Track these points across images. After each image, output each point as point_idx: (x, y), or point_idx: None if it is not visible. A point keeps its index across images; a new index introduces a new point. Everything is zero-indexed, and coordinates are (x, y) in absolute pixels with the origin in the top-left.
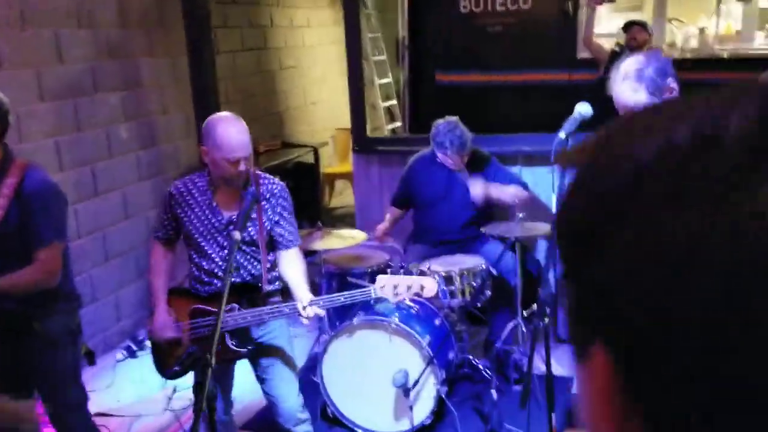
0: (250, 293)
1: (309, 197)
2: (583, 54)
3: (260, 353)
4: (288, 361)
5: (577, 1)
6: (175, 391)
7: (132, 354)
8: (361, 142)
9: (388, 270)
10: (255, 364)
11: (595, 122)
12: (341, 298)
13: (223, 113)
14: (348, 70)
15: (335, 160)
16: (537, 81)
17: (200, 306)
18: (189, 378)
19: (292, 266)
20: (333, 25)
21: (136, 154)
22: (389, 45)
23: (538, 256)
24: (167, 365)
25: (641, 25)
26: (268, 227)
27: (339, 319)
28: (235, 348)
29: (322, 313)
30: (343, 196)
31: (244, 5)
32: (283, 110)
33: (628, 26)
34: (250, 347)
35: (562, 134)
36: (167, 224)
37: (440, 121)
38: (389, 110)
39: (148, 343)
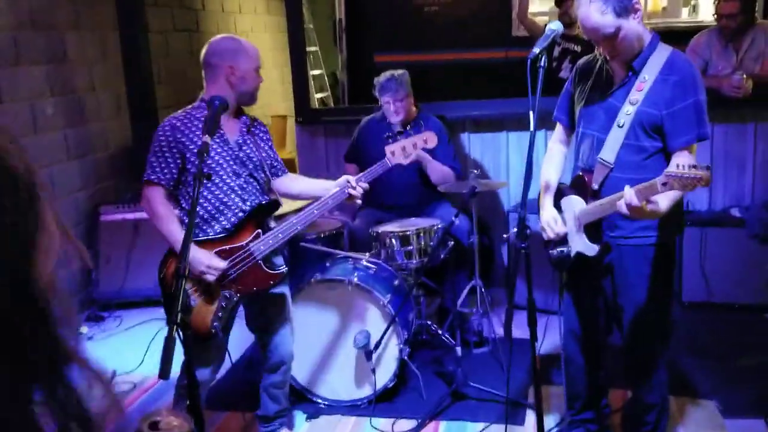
0: (267, 214)
1: None
2: (518, 32)
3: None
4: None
5: None
6: (114, 374)
7: None
8: (305, 113)
9: (344, 234)
10: (261, 305)
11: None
12: (373, 171)
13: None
14: (288, 38)
15: None
16: (475, 59)
17: (222, 247)
18: (132, 359)
19: (300, 179)
20: (265, 13)
21: (63, 132)
22: (321, 36)
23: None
24: (204, 325)
25: None
26: (264, 153)
27: (292, 284)
28: (275, 271)
29: (368, 187)
30: None
31: None
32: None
33: (561, 1)
34: (284, 266)
35: (536, 49)
36: (171, 163)
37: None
38: (323, 102)
39: (83, 329)
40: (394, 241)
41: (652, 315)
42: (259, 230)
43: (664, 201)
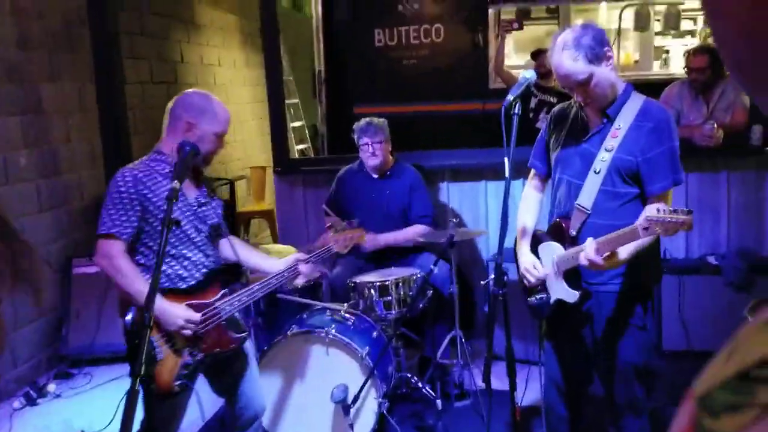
0: (231, 274)
1: None
2: (495, 84)
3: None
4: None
5: (487, 34)
6: None
7: (31, 402)
8: (284, 163)
9: (322, 284)
10: (223, 366)
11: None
12: (326, 251)
13: (196, 90)
14: (267, 87)
15: (249, 201)
16: (453, 111)
17: (190, 302)
18: (101, 417)
19: (242, 246)
20: (244, 66)
21: (35, 183)
22: (300, 88)
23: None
24: (167, 383)
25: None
26: (220, 212)
27: (268, 337)
28: (238, 335)
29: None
30: (258, 239)
31: (154, 39)
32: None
33: (537, 54)
34: (246, 330)
35: (510, 97)
36: (132, 216)
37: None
38: (303, 153)
39: (51, 387)
40: (372, 291)
41: (633, 363)
42: (225, 290)
43: (623, 252)
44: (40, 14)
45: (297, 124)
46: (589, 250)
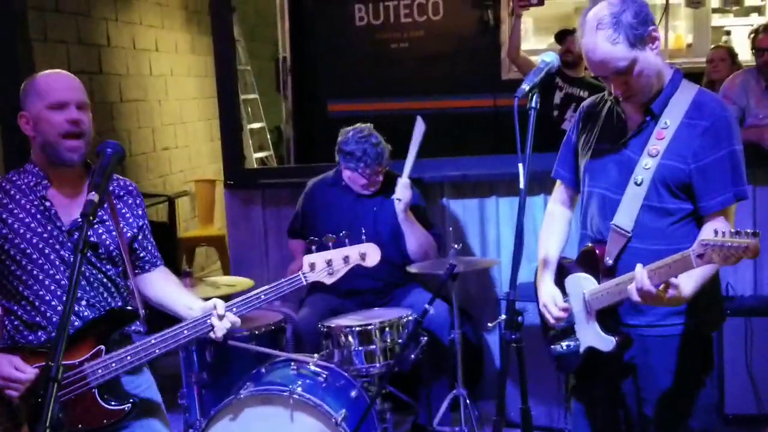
0: (118, 327)
1: None
2: (509, 75)
3: (135, 414)
4: (166, 424)
5: (499, 9)
6: None
7: None
8: (237, 175)
9: (285, 329)
10: None
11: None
12: (261, 295)
13: None
14: (216, 81)
15: (194, 224)
16: (455, 108)
17: (35, 364)
18: None
19: (169, 283)
20: (189, 52)
21: None
22: (261, 81)
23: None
24: None
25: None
26: (129, 235)
27: (216, 398)
28: (113, 407)
29: (239, 323)
30: (206, 273)
31: (71, 15)
32: (126, 156)
33: (562, 36)
34: (132, 400)
35: (525, 86)
36: None
37: (348, 128)
38: (263, 162)
39: None
40: (351, 338)
41: (687, 430)
42: (102, 347)
43: (689, 284)
44: None
45: (256, 125)
46: (640, 277)
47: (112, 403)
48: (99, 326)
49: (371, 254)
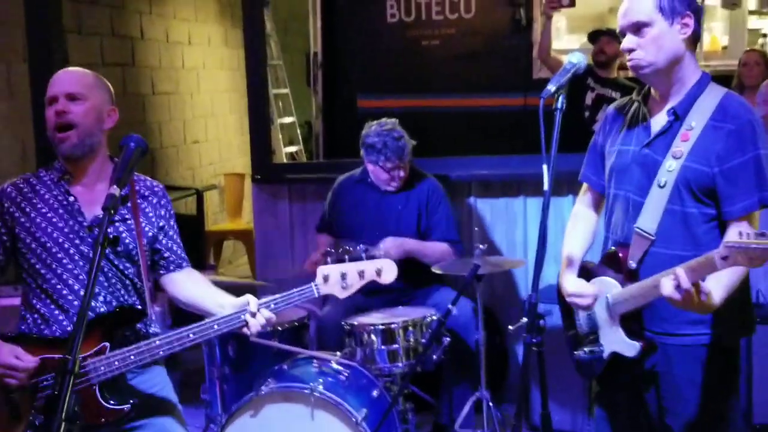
0: (125, 325)
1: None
2: (540, 74)
3: (139, 413)
4: (182, 424)
5: (531, 8)
6: None
7: None
8: (265, 169)
9: (309, 326)
10: None
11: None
12: (272, 304)
13: None
14: (247, 75)
15: (222, 218)
16: (484, 108)
17: (51, 355)
18: None
19: (197, 283)
20: (222, 45)
21: None
22: (293, 76)
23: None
24: None
25: (610, 34)
26: (150, 234)
27: (238, 393)
28: (111, 407)
29: (274, 318)
30: (233, 266)
31: (106, 7)
32: (156, 147)
33: (595, 36)
34: (133, 401)
35: (551, 87)
36: None
37: (372, 122)
38: (293, 157)
39: None
40: (374, 337)
41: None
42: (107, 344)
43: (718, 291)
44: None
45: (287, 120)
46: (680, 275)
47: (111, 402)
48: (106, 322)
49: (387, 271)
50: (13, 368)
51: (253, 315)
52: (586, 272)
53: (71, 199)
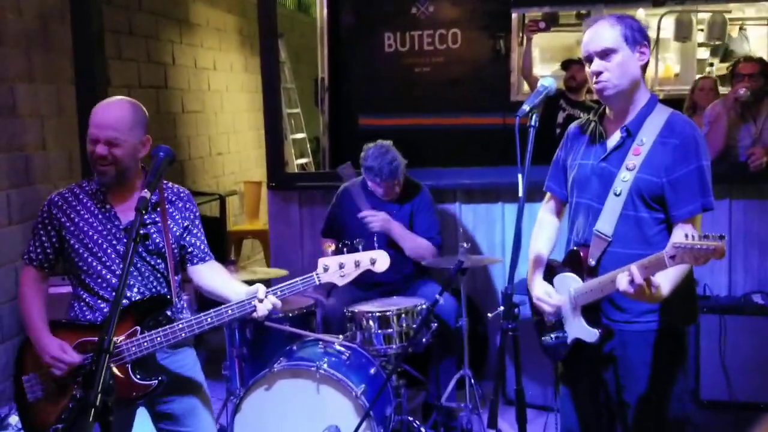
0: (156, 311)
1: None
2: (517, 96)
3: (170, 390)
4: (206, 402)
5: (510, 41)
6: None
7: None
8: (279, 177)
9: (316, 313)
10: (160, 411)
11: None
12: (278, 291)
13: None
14: (263, 96)
15: (242, 219)
16: (468, 125)
17: (89, 338)
18: None
19: (218, 274)
20: (242, 71)
21: (5, 193)
22: (304, 97)
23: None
24: (45, 424)
25: (580, 63)
26: (177, 233)
27: (254, 370)
28: (141, 382)
29: (280, 304)
30: (251, 262)
31: (142, 38)
32: (185, 159)
33: (567, 64)
34: (161, 378)
35: (525, 107)
36: (46, 243)
37: (370, 144)
38: (303, 168)
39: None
40: (371, 322)
41: (662, 414)
42: (138, 327)
43: (666, 284)
44: (14, 8)
45: (298, 136)
46: (634, 272)
47: (139, 377)
48: (138, 309)
49: (381, 260)
50: (60, 361)
51: (261, 301)
52: (551, 270)
53: (108, 206)
